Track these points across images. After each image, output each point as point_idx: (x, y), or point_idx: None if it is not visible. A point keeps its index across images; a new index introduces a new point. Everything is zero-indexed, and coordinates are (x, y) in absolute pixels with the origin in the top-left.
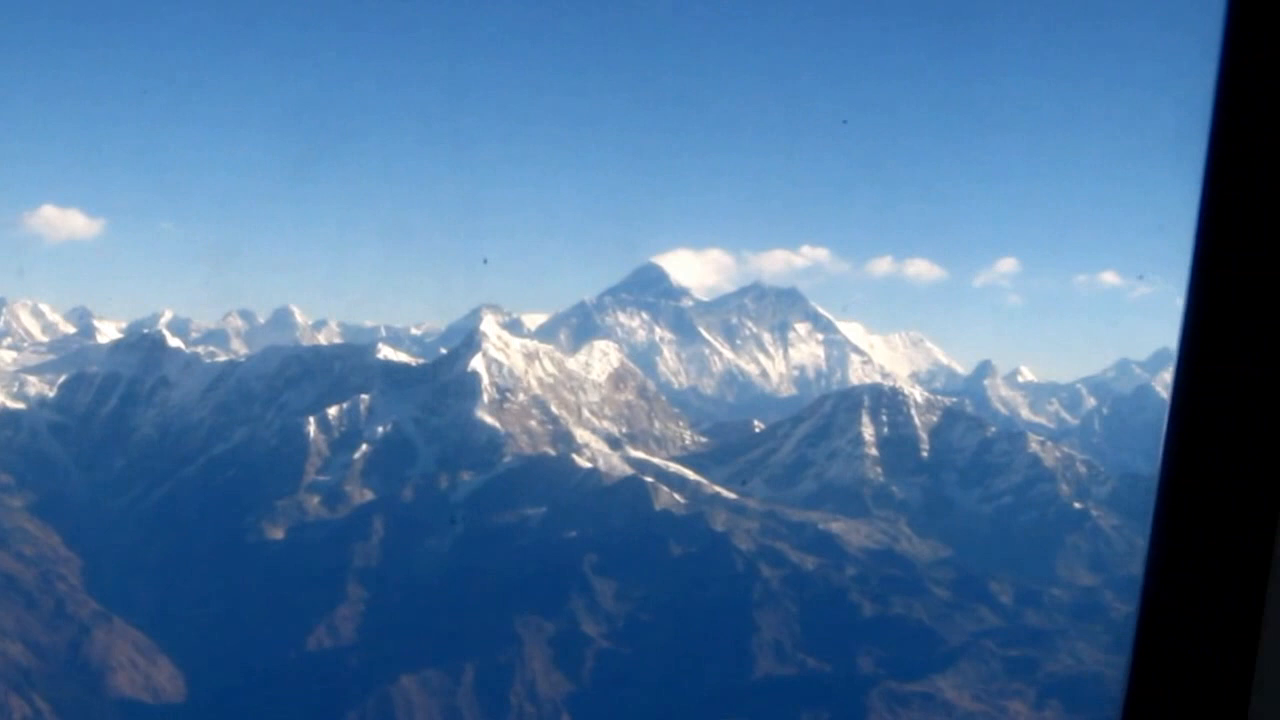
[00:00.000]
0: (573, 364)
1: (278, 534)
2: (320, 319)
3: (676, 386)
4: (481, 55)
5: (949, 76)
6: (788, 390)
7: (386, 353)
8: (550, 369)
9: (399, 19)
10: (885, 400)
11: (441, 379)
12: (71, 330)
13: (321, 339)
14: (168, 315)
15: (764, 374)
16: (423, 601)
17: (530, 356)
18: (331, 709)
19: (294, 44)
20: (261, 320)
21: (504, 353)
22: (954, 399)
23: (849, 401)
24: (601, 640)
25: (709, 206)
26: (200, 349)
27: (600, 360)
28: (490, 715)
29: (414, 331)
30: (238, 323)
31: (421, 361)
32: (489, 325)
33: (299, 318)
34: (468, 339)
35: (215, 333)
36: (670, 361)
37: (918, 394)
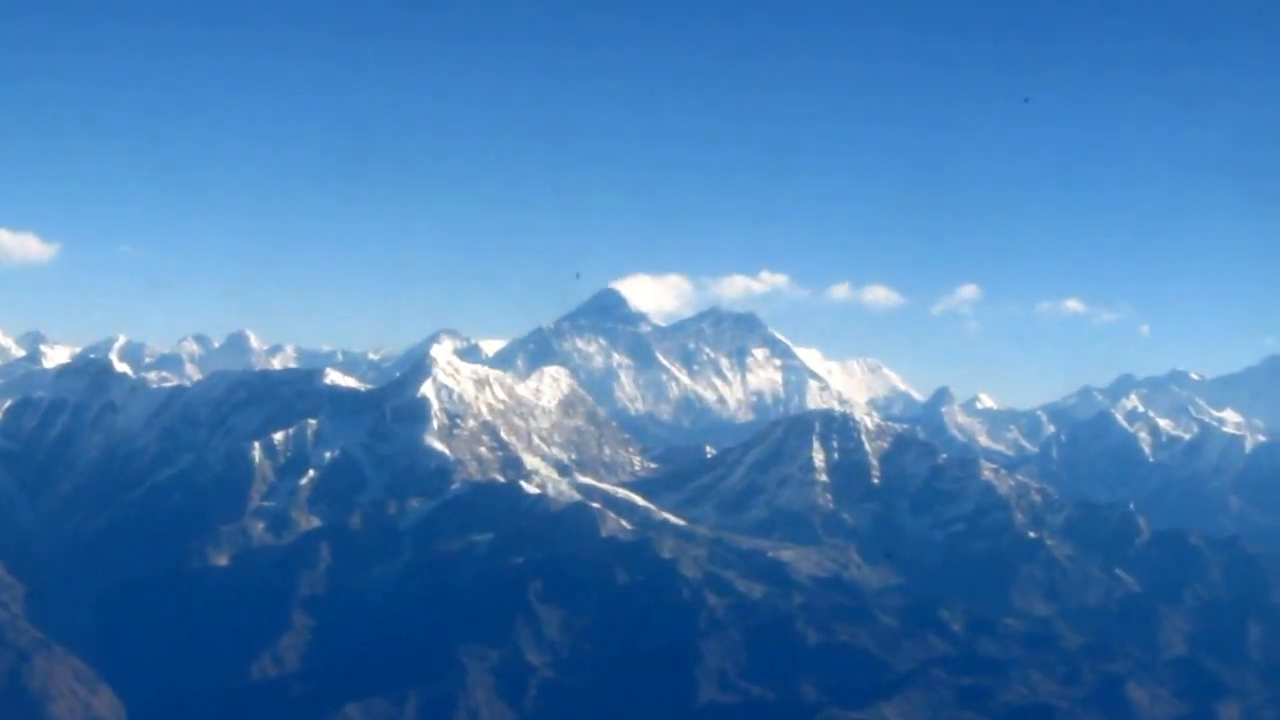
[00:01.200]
0: (523, 390)
1: (222, 560)
2: (276, 344)
3: (633, 413)
4: (441, 82)
5: (911, 104)
6: (745, 416)
7: (335, 378)
8: (500, 395)
9: (355, 44)
10: (836, 426)
11: (391, 405)
12: (22, 355)
13: (277, 364)
14: (121, 340)
15: (721, 400)
16: (368, 629)
17: (480, 383)
18: None
19: (257, 71)
20: (217, 345)
21: (454, 379)
22: (906, 426)
23: (800, 427)
24: (545, 669)
25: (669, 232)
26: (153, 374)
27: (551, 386)
28: None
29: (371, 356)
30: (193, 348)
31: (371, 387)
32: (439, 351)
33: (254, 343)
34: (417, 365)
35: (169, 357)
36: (627, 387)
37: (869, 420)
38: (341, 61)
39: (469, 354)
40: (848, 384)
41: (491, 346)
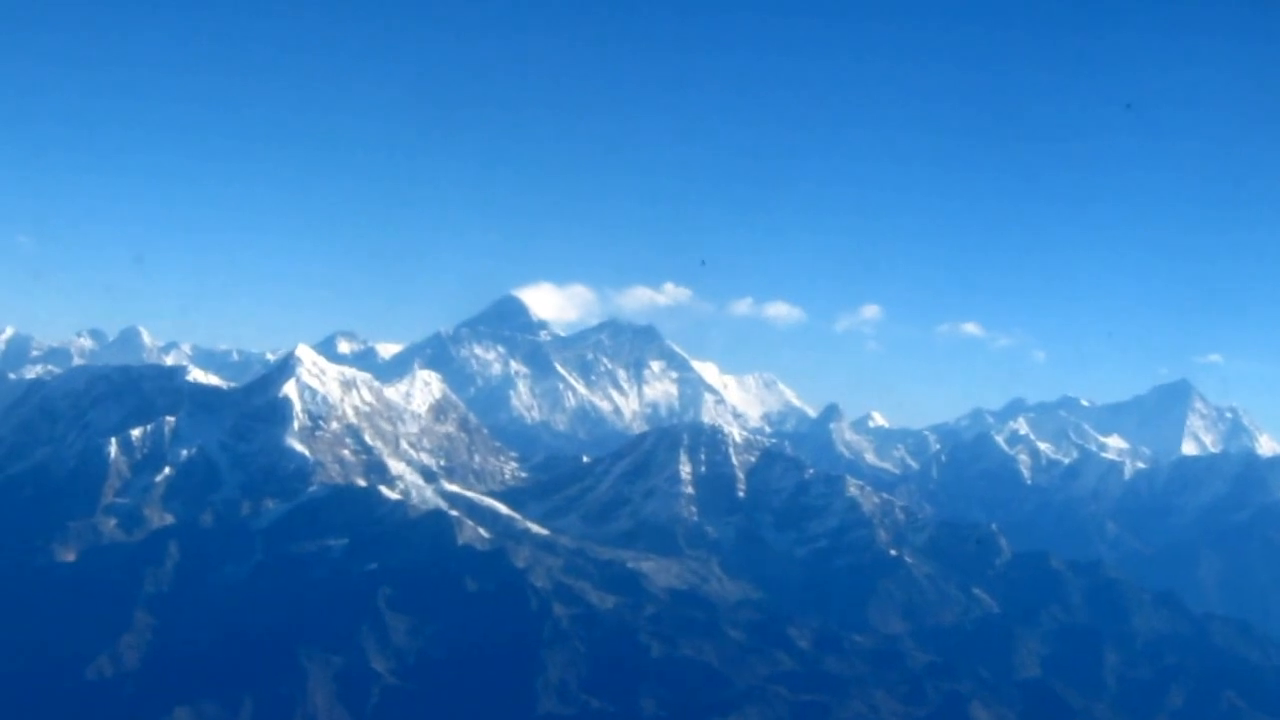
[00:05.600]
0: (392, 394)
1: (69, 556)
2: (171, 341)
3: (529, 421)
4: (350, 84)
5: (820, 123)
6: (640, 427)
7: (197, 375)
8: (367, 398)
9: (265, 46)
10: (705, 439)
11: (253, 404)
12: None
13: (169, 361)
14: (9, 332)
15: (617, 411)
16: (211, 630)
17: (347, 384)
18: None
19: (161, 62)
20: (111, 340)
21: (318, 379)
22: (774, 440)
23: (669, 439)
24: (389, 676)
25: (575, 242)
26: (38, 368)
27: (421, 391)
28: None
29: (269, 357)
30: (86, 342)
31: (233, 385)
32: (304, 351)
33: (147, 339)
34: (280, 364)
35: (58, 351)
36: (524, 396)
37: (737, 434)
38: (253, 62)
39: (365, 357)
40: (743, 398)
41: (388, 350)
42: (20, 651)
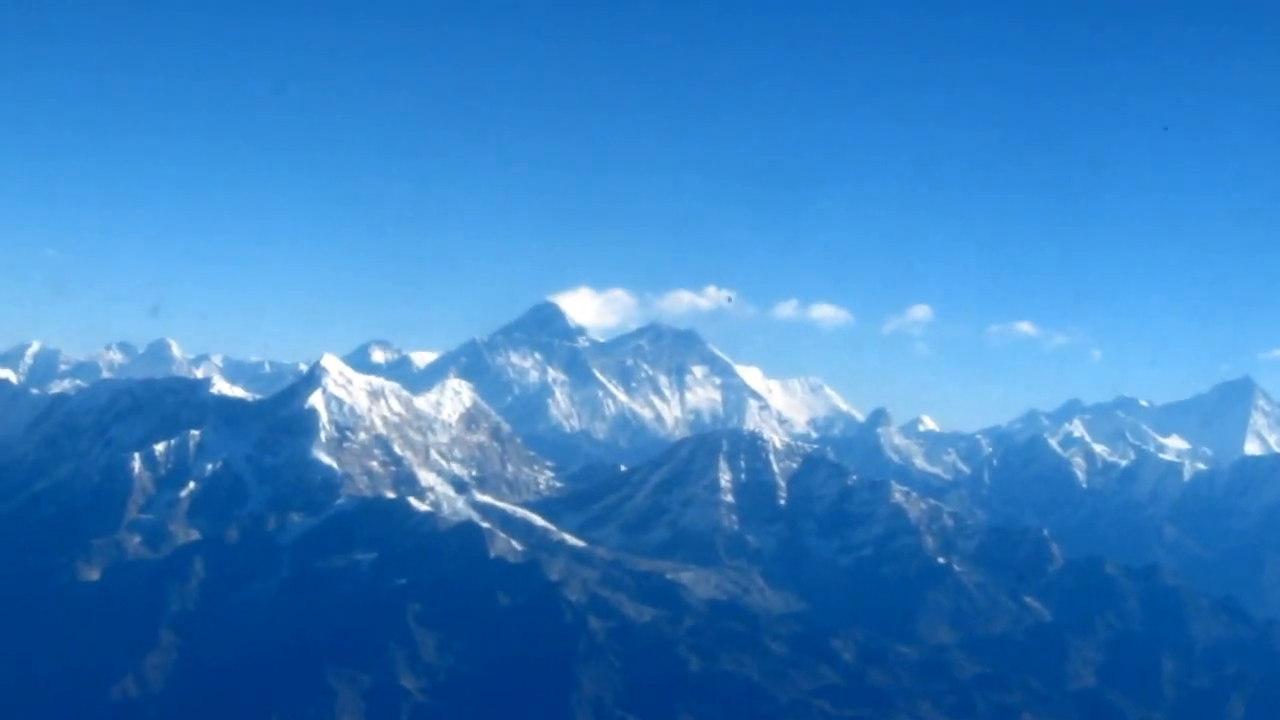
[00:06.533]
0: (421, 403)
1: (93, 575)
2: (202, 353)
3: (568, 430)
4: (383, 94)
5: (866, 122)
6: (682, 435)
7: (222, 387)
8: (396, 407)
9: (295, 55)
10: (745, 446)
11: (279, 416)
12: None
13: (200, 373)
14: (35, 347)
15: (659, 418)
16: (237, 649)
17: (375, 394)
18: None
19: (191, 75)
20: (141, 353)
21: (345, 390)
22: (816, 446)
23: (707, 446)
24: (419, 694)
25: (614, 246)
26: (66, 383)
27: (452, 400)
28: None
29: (302, 368)
30: (115, 356)
31: (259, 397)
32: (330, 361)
33: (176, 352)
34: (307, 375)
35: (86, 365)
36: (562, 404)
37: (778, 440)
38: (282, 71)
39: (399, 366)
40: (788, 403)
41: (423, 359)
42: (45, 672)
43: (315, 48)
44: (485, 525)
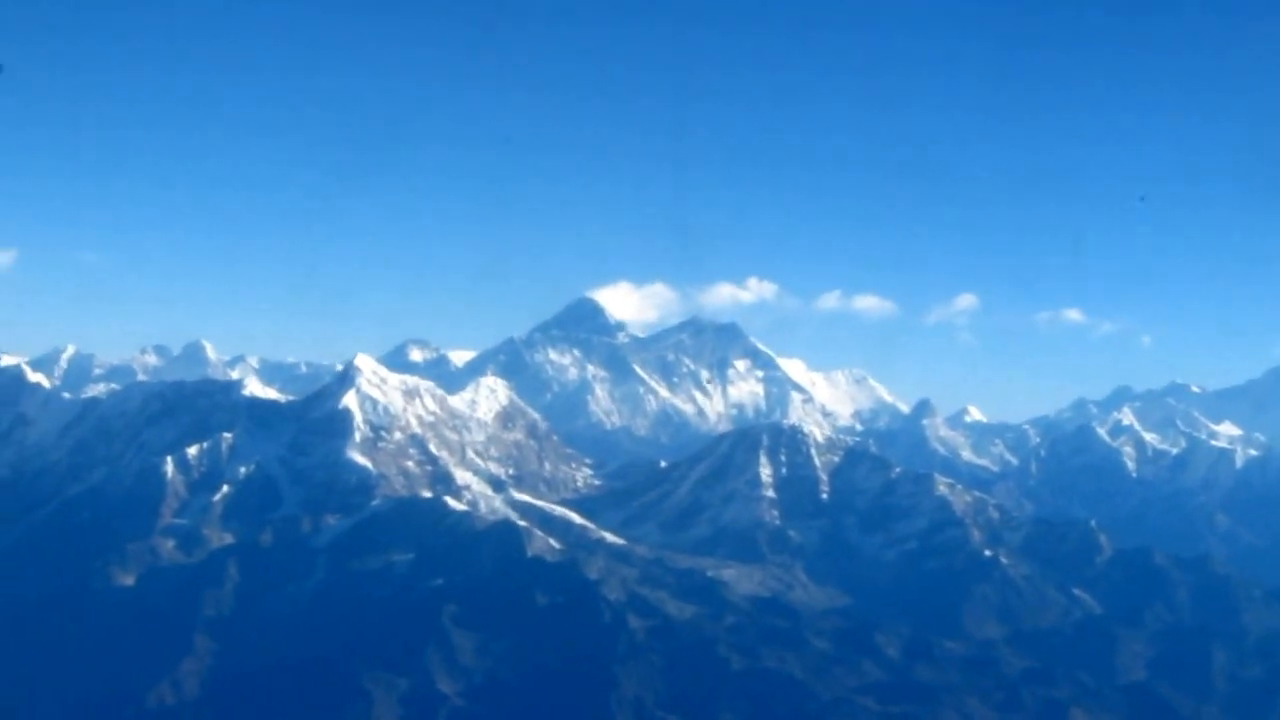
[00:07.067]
0: (457, 402)
1: (127, 580)
2: (238, 355)
3: (609, 426)
4: (419, 91)
5: (910, 109)
6: (725, 429)
7: (254, 389)
8: (431, 406)
9: (329, 52)
10: (785, 440)
11: (312, 417)
12: None
13: (236, 375)
14: (70, 350)
15: (701, 413)
16: (273, 654)
17: (409, 393)
18: None
19: (227, 78)
20: (176, 356)
21: (379, 389)
22: (857, 439)
23: (748, 441)
24: (456, 698)
25: (654, 240)
26: (100, 387)
27: (487, 398)
28: None
29: (338, 368)
30: (151, 359)
31: (291, 398)
32: (364, 361)
33: (211, 354)
34: (340, 375)
35: (120, 369)
36: (603, 401)
37: (818, 433)
38: (315, 72)
39: (437, 364)
40: (832, 396)
41: (460, 358)
42: (80, 679)
43: (352, 44)
44: (523, 524)
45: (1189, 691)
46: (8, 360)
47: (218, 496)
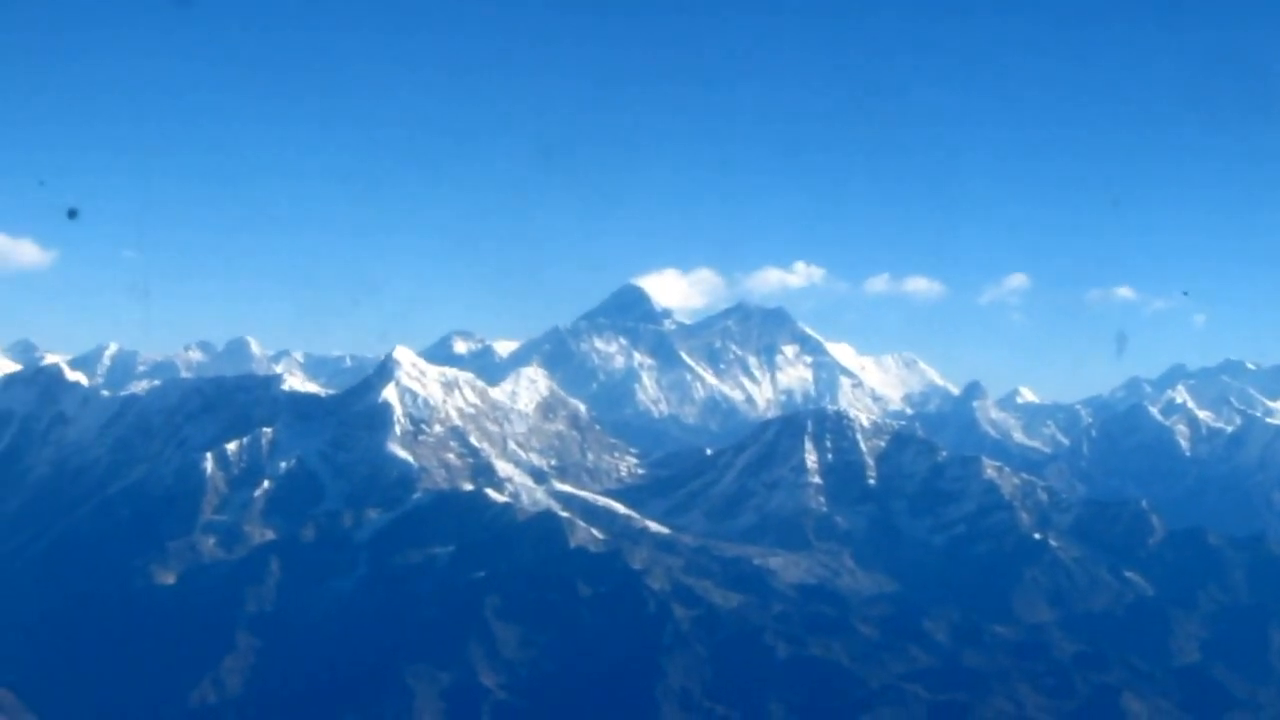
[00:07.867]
0: (497, 393)
1: (168, 578)
2: (282, 349)
3: (656, 415)
4: (458, 80)
5: (955, 88)
6: (774, 416)
7: (293, 384)
8: (471, 399)
9: (365, 47)
10: (830, 425)
11: (352, 411)
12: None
13: (280, 369)
14: (113, 348)
15: (749, 400)
16: (315, 650)
17: (449, 386)
18: None
19: (264, 74)
20: (220, 351)
21: (419, 382)
22: (903, 423)
23: (792, 427)
24: (499, 691)
25: (700, 225)
26: (143, 383)
27: (528, 389)
28: None
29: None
30: (195, 355)
31: (330, 392)
32: (403, 354)
33: (256, 349)
34: (380, 368)
35: (164, 365)
36: (650, 389)
37: (864, 418)
38: (353, 64)
39: (482, 356)
40: (882, 380)
41: (505, 348)
42: (122, 678)
43: (394, 35)
44: (565, 515)
45: (1245, 674)
46: (49, 359)
47: (258, 492)
